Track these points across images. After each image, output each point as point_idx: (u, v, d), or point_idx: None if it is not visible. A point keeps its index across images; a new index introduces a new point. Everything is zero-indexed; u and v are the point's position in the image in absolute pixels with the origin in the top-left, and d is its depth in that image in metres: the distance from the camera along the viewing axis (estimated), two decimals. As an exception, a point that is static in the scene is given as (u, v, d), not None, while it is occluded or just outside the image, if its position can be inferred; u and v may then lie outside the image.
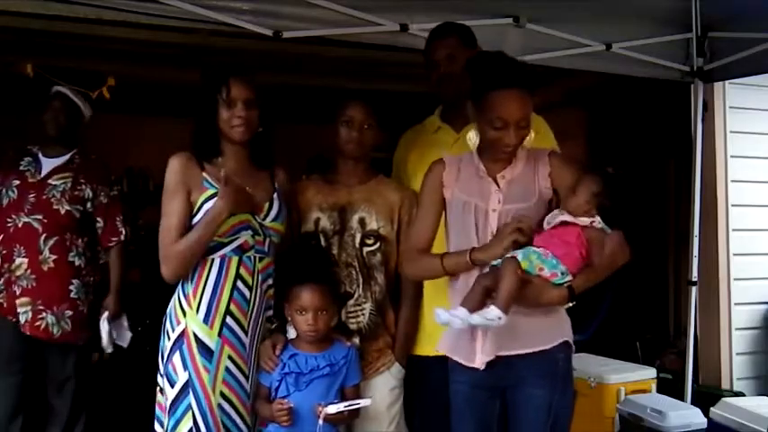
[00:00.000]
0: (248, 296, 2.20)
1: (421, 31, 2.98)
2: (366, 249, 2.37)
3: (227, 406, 2.16)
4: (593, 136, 5.41)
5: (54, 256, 3.06)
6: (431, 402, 2.43)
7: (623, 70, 3.54)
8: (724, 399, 3.49)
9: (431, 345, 2.42)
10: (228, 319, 2.16)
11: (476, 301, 1.95)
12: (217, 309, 2.15)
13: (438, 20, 2.68)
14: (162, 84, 5.34)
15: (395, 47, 3.09)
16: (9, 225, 3.05)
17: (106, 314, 3.19)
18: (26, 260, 3.03)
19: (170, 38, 3.50)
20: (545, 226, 2.03)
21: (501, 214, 2.06)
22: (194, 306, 2.15)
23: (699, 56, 3.61)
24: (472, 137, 2.14)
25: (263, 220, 2.24)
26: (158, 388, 2.24)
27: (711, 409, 3.32)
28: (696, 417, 3.23)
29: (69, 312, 3.10)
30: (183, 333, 2.15)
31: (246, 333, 2.20)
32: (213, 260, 2.17)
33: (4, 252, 3.05)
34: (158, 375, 2.24)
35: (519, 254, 1.97)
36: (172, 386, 2.15)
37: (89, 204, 3.16)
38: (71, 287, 3.11)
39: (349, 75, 4.79)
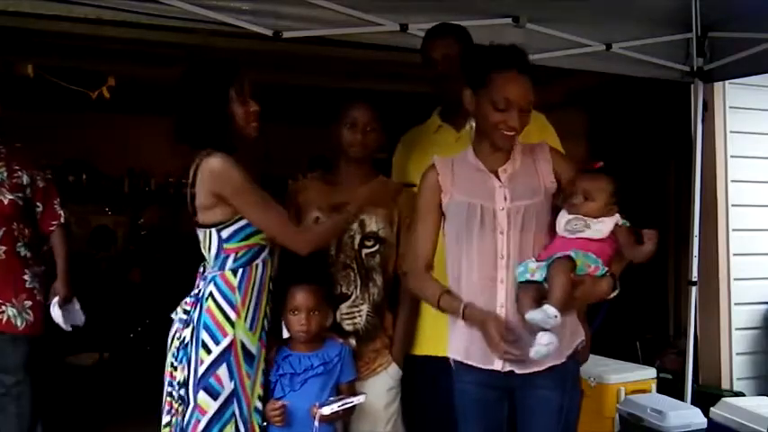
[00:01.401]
0: (273, 294, 2.21)
1: (420, 31, 2.97)
2: (365, 251, 2.36)
3: (260, 406, 2.16)
4: (594, 136, 5.41)
5: (4, 248, 3.03)
6: (431, 401, 2.43)
7: (623, 70, 3.55)
8: (724, 399, 3.49)
9: (431, 344, 2.43)
10: (265, 322, 2.16)
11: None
12: (259, 313, 2.14)
13: (438, 20, 2.68)
14: (162, 84, 5.34)
15: (395, 47, 3.09)
16: None
17: (56, 299, 3.09)
18: None
19: (170, 38, 3.50)
20: (563, 232, 1.98)
21: (510, 212, 2.01)
22: (243, 315, 2.10)
23: (699, 56, 3.62)
24: (473, 126, 2.10)
25: None
26: (181, 401, 2.12)
27: (711, 409, 3.33)
28: (696, 417, 3.24)
29: (29, 303, 3.06)
30: (231, 344, 2.08)
31: (268, 332, 2.21)
32: (257, 265, 2.14)
33: None
34: (182, 388, 2.12)
35: (571, 252, 1.92)
36: (215, 398, 2.07)
37: (28, 190, 3.12)
38: (25, 277, 3.08)
39: (349, 75, 4.80)
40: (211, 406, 2.07)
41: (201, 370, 2.08)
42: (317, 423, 2.11)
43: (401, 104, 3.37)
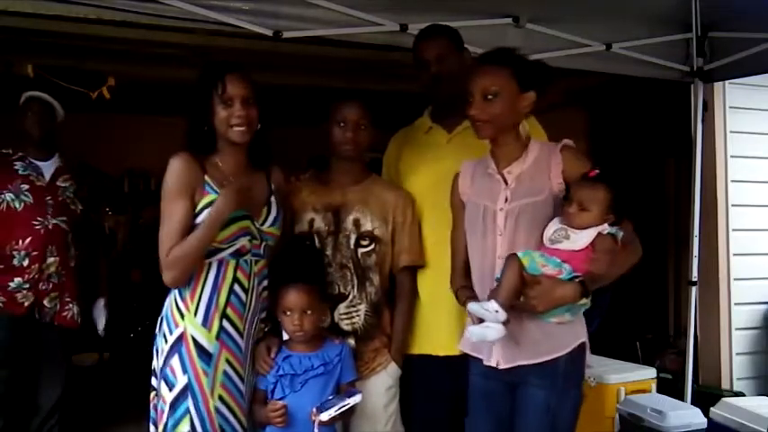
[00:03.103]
0: (244, 299, 2.17)
1: (421, 31, 2.99)
2: (361, 250, 2.36)
3: (224, 409, 2.12)
4: (594, 136, 5.41)
5: (75, 252, 3.29)
6: (428, 399, 2.43)
7: (623, 70, 3.55)
8: (724, 399, 3.49)
9: (427, 343, 2.43)
10: (225, 323, 2.14)
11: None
12: (215, 312, 2.12)
13: (438, 20, 2.68)
14: (162, 84, 5.34)
15: (395, 47, 3.09)
16: (38, 227, 3.17)
17: (103, 300, 3.45)
18: (57, 259, 3.20)
19: (170, 38, 3.49)
20: (546, 242, 1.99)
21: (508, 213, 2.04)
22: (192, 309, 2.12)
23: (699, 56, 3.62)
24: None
25: (262, 225, 2.22)
26: (153, 391, 2.20)
27: (711, 409, 3.33)
28: (696, 417, 3.24)
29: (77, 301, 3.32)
30: (181, 336, 2.11)
31: (242, 336, 2.18)
32: (211, 264, 2.14)
33: (35, 253, 3.16)
34: (152, 377, 2.20)
35: (519, 252, 1.96)
36: (170, 389, 2.10)
37: (86, 201, 3.38)
38: (78, 279, 3.34)
39: (349, 75, 4.79)
40: (168, 396, 2.10)
41: (162, 360, 2.14)
42: (316, 430, 2.11)
43: (401, 104, 3.37)
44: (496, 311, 1.90)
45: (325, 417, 2.11)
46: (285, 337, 2.28)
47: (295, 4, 2.90)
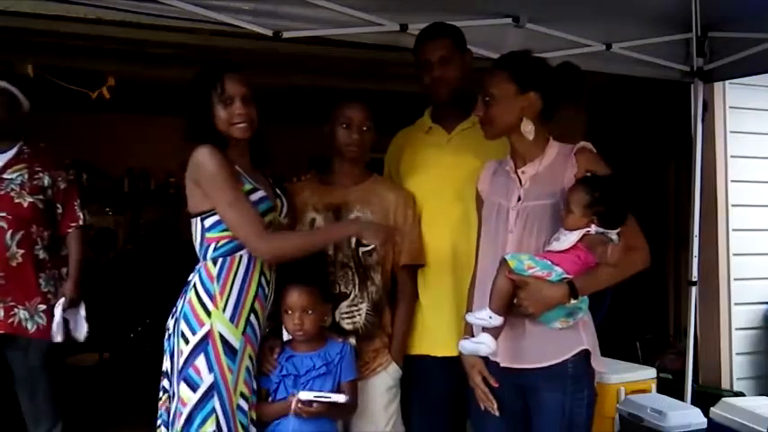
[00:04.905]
0: (267, 292, 2.19)
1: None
2: (362, 250, 2.36)
3: (244, 405, 2.12)
4: (594, 136, 5.40)
5: (21, 251, 3.01)
6: (428, 401, 2.43)
7: (623, 70, 3.54)
8: (724, 399, 3.49)
9: (429, 344, 2.43)
10: (252, 317, 2.14)
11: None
12: (243, 307, 2.11)
13: (438, 20, 2.68)
14: (162, 84, 5.34)
15: (395, 47, 3.09)
16: None
17: (61, 301, 3.06)
18: None
19: (170, 38, 3.49)
20: (547, 247, 2.01)
21: (519, 212, 2.06)
22: (221, 306, 2.09)
23: (699, 56, 3.61)
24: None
25: (279, 215, 2.25)
26: (166, 393, 2.17)
27: (711, 409, 3.33)
28: (696, 417, 3.23)
29: (43, 306, 3.04)
30: (207, 334, 2.08)
31: (261, 329, 2.20)
32: (241, 257, 2.13)
33: None
34: (165, 379, 2.17)
35: (507, 255, 1.98)
36: (194, 390, 2.06)
37: (49, 192, 3.11)
38: (40, 280, 3.06)
39: (349, 75, 4.79)
40: (191, 398, 2.06)
41: (181, 361, 2.09)
42: (292, 409, 2.12)
43: (401, 104, 3.37)
44: (490, 317, 1.93)
45: (303, 396, 2.11)
46: (287, 336, 2.28)
47: (295, 4, 2.90)
